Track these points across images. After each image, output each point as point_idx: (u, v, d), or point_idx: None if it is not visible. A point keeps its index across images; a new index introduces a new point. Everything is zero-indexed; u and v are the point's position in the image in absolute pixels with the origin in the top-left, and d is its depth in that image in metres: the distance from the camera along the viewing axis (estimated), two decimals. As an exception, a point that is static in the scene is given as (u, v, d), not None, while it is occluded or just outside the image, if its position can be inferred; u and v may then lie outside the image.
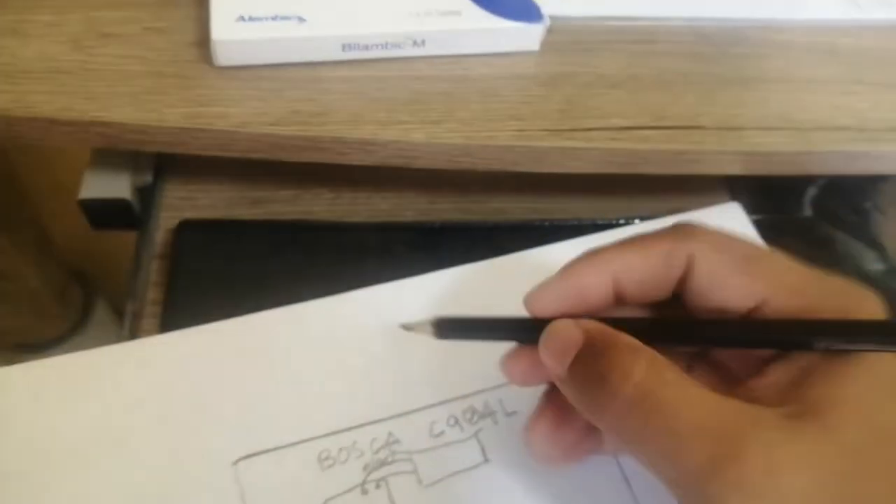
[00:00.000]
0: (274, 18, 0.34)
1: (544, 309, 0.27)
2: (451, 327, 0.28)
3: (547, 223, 0.39)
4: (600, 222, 0.39)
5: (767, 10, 0.40)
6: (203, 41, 0.35)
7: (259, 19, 0.34)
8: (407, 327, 0.29)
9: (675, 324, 0.26)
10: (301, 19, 0.34)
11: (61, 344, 0.80)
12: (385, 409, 0.31)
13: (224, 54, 0.34)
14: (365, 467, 0.30)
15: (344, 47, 0.35)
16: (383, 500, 0.29)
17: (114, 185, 0.40)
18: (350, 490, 0.29)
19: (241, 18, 0.34)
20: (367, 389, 0.32)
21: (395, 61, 0.36)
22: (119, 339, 0.36)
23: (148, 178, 0.41)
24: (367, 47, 0.35)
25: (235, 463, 0.29)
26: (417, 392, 0.32)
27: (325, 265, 0.37)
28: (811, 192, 0.42)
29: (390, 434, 0.31)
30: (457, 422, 0.31)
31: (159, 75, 0.34)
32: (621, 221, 0.39)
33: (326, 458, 0.30)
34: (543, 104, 0.35)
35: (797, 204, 0.43)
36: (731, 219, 0.38)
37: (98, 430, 0.30)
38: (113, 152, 0.41)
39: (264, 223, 0.39)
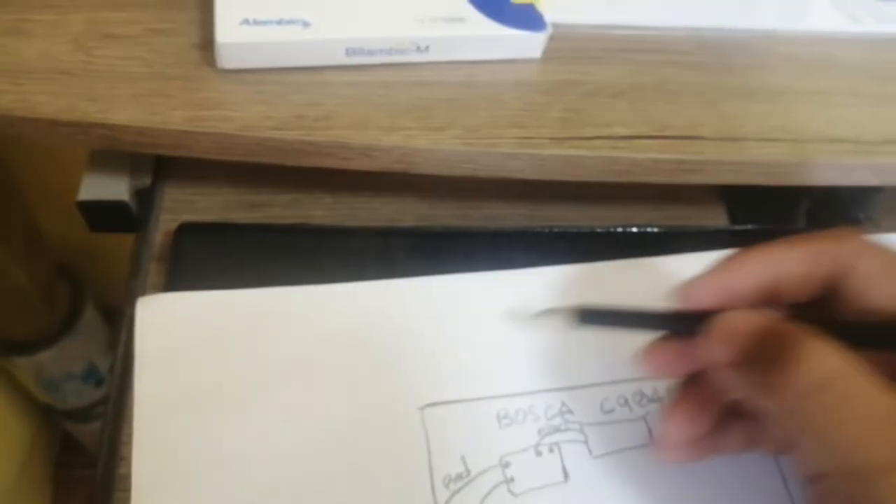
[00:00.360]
0: (279, 22, 0.34)
1: (701, 300, 0.28)
2: (593, 316, 0.31)
3: (546, 230, 0.39)
4: (599, 230, 0.39)
5: (770, 21, 0.40)
6: (207, 44, 0.35)
7: (264, 23, 0.34)
8: (549, 312, 0.32)
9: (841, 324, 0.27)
10: (306, 23, 0.34)
11: (50, 342, 0.80)
12: (559, 380, 0.33)
13: (228, 57, 0.34)
14: (539, 431, 0.32)
15: (348, 52, 0.35)
16: (556, 464, 0.31)
17: (112, 188, 0.40)
18: (525, 450, 0.31)
19: (246, 21, 0.34)
20: (543, 360, 0.34)
21: (399, 67, 0.36)
22: (108, 337, 0.36)
23: (147, 180, 0.41)
24: (371, 52, 0.35)
25: (423, 408, 0.32)
26: (590, 370, 0.34)
27: (324, 269, 0.37)
28: (805, 203, 0.43)
29: (563, 404, 0.33)
30: (626, 402, 0.33)
31: (162, 77, 0.34)
32: (618, 230, 0.39)
33: (504, 417, 0.32)
34: (546, 112, 0.35)
35: (791, 215, 0.43)
36: None
37: (297, 359, 0.32)
38: (112, 154, 0.40)
39: (264, 227, 0.39)
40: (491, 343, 0.34)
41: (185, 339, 0.32)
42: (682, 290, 0.28)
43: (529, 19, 0.36)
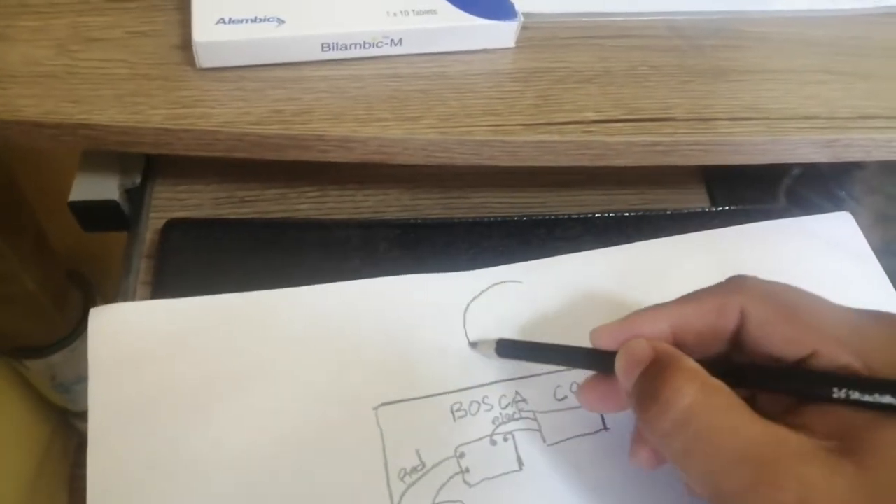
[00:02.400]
0: (254, 20, 0.35)
1: (607, 343, 0.29)
2: (512, 348, 0.33)
3: (525, 218, 0.40)
4: (576, 216, 0.39)
5: (740, 3, 0.41)
6: (186, 44, 0.36)
7: (239, 21, 0.35)
8: (472, 345, 0.34)
9: (717, 364, 0.27)
10: (280, 20, 0.35)
11: (61, 347, 0.81)
12: (513, 370, 0.34)
13: (206, 56, 0.35)
14: (494, 420, 0.33)
15: (323, 47, 0.36)
16: (510, 452, 0.32)
17: (103, 187, 0.41)
18: (480, 439, 0.32)
19: (222, 21, 0.34)
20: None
21: (374, 60, 0.37)
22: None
23: (136, 179, 0.42)
24: (346, 47, 0.36)
25: (376, 408, 0.32)
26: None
27: (309, 261, 0.38)
28: (786, 181, 0.43)
29: (517, 393, 0.33)
30: None
31: (143, 78, 0.35)
32: (597, 215, 0.40)
33: (459, 410, 0.33)
34: (518, 99, 0.36)
35: (772, 194, 0.43)
36: (841, 226, 0.40)
37: (250, 364, 0.33)
38: (102, 154, 0.42)
39: (250, 221, 0.40)
40: (444, 340, 0.35)
41: (138, 348, 0.33)
42: (592, 332, 0.30)
43: (501, 9, 0.37)
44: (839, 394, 0.25)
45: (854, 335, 0.26)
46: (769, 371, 0.28)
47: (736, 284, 0.29)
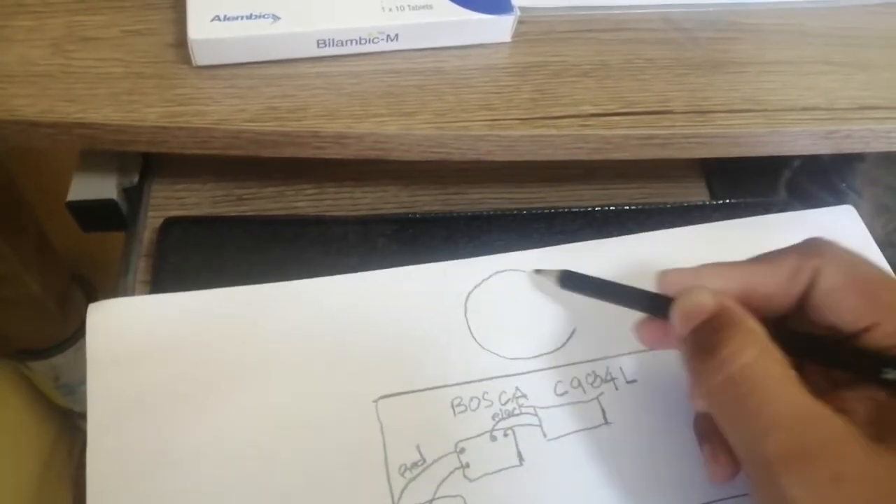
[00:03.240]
0: (249, 17, 0.35)
1: (673, 288, 0.29)
2: (577, 281, 0.33)
3: (524, 212, 0.39)
4: (576, 209, 0.39)
5: (736, -5, 0.41)
6: (181, 42, 0.36)
7: (234, 18, 0.34)
8: (538, 271, 0.35)
9: (777, 328, 0.27)
10: (276, 17, 0.35)
11: (64, 348, 0.81)
12: (513, 366, 0.34)
13: (201, 53, 0.35)
14: (494, 416, 0.32)
15: (319, 43, 0.35)
16: (510, 448, 0.32)
17: (101, 187, 0.41)
18: (480, 435, 0.32)
19: (217, 18, 0.34)
20: (497, 347, 0.34)
21: (370, 56, 0.36)
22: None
23: (135, 178, 0.42)
24: (341, 43, 0.36)
25: (376, 401, 0.32)
26: (543, 354, 0.34)
27: (307, 258, 0.38)
28: (786, 174, 0.43)
29: (517, 388, 0.33)
30: (579, 384, 0.34)
31: (139, 76, 0.35)
32: (597, 209, 0.39)
33: (459, 405, 0.33)
34: (515, 94, 0.36)
35: (772, 187, 0.43)
36: (844, 220, 0.39)
37: (250, 358, 0.33)
38: (100, 154, 0.42)
39: (247, 219, 0.40)
40: (444, 333, 0.34)
41: (136, 343, 0.33)
42: (660, 274, 0.30)
43: (497, 3, 0.37)
44: (889, 374, 0.25)
45: None
46: (825, 342, 0.28)
47: (814, 247, 0.29)
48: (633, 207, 0.40)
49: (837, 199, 0.42)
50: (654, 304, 0.30)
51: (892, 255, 0.37)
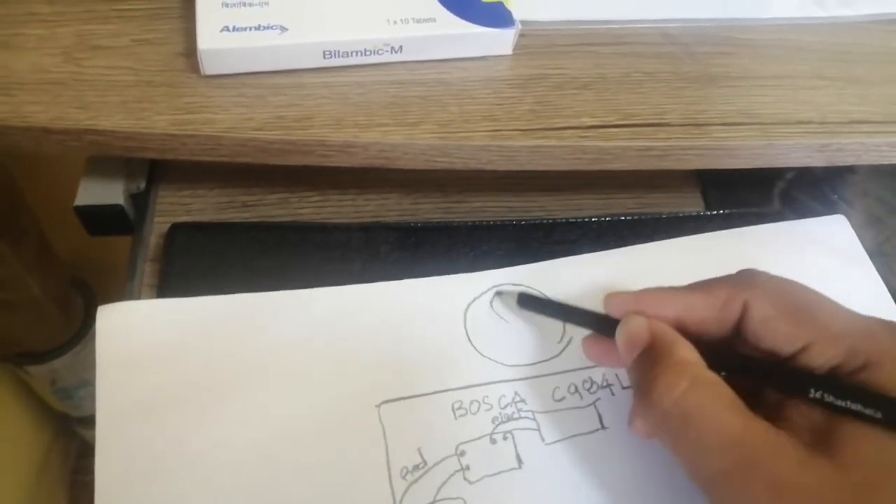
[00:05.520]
0: (257, 28, 0.35)
1: (617, 311, 0.31)
2: (531, 301, 0.35)
3: (524, 222, 0.40)
4: (574, 220, 0.40)
5: (734, 11, 0.41)
6: (191, 51, 0.36)
7: (243, 29, 0.35)
8: (498, 292, 0.36)
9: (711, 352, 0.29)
10: (283, 28, 0.36)
11: (62, 353, 0.81)
12: (512, 372, 0.35)
13: (210, 63, 0.35)
14: (493, 420, 0.33)
15: (325, 54, 0.36)
16: (510, 451, 0.32)
17: (108, 192, 0.42)
18: (480, 438, 0.33)
19: (226, 29, 0.35)
20: (496, 354, 0.35)
21: (375, 67, 0.37)
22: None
23: (141, 184, 0.43)
24: (347, 54, 0.37)
25: (379, 406, 0.33)
26: (542, 361, 0.35)
27: (311, 264, 0.39)
28: (779, 185, 0.44)
29: (516, 393, 0.34)
30: (577, 390, 0.35)
31: (148, 85, 0.35)
32: (594, 219, 0.40)
33: (459, 409, 0.33)
34: (516, 105, 0.37)
35: (766, 197, 0.44)
36: (836, 230, 0.41)
37: (255, 364, 0.34)
38: (107, 160, 0.42)
39: (252, 225, 0.40)
40: (445, 341, 0.35)
41: (145, 347, 0.34)
42: (606, 297, 0.32)
43: (499, 17, 0.37)
44: (815, 394, 0.26)
45: (852, 333, 0.27)
46: (755, 363, 0.29)
47: (745, 279, 0.30)
48: (629, 218, 0.41)
49: (829, 209, 0.43)
50: (602, 325, 0.32)
51: (882, 264, 0.38)
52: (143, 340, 0.34)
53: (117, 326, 0.34)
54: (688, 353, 0.28)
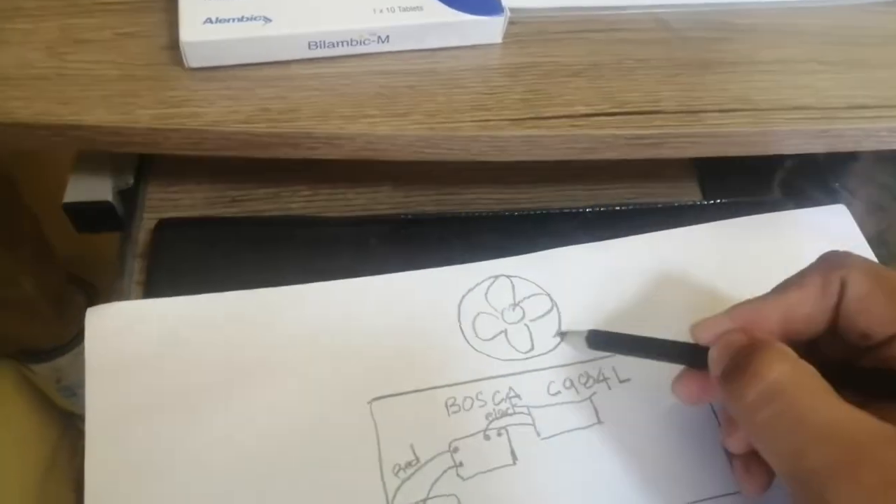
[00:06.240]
0: (240, 19, 0.35)
1: (708, 340, 0.29)
2: (605, 340, 0.33)
3: (517, 213, 0.39)
4: (568, 210, 0.39)
5: (728, -5, 0.41)
6: (175, 44, 0.36)
7: (226, 20, 0.35)
8: (562, 335, 0.35)
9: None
10: (267, 19, 0.35)
11: (66, 350, 0.82)
12: (506, 367, 0.34)
13: (193, 56, 0.35)
14: (487, 416, 0.33)
15: (310, 45, 0.36)
16: (504, 447, 0.32)
17: (96, 189, 0.41)
18: (474, 434, 0.32)
19: (209, 20, 0.35)
20: (490, 349, 0.35)
21: (361, 57, 0.37)
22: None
23: (130, 180, 0.42)
24: (333, 45, 0.36)
25: (371, 402, 0.32)
26: (536, 355, 0.35)
27: (300, 259, 0.38)
28: (780, 173, 0.43)
29: (510, 389, 0.33)
30: (572, 384, 0.34)
31: (132, 78, 0.35)
32: (589, 209, 0.39)
33: (453, 405, 0.33)
34: (506, 94, 0.36)
35: (765, 186, 0.43)
36: (836, 219, 0.40)
37: (247, 362, 0.33)
38: (95, 156, 0.42)
39: (240, 220, 0.40)
40: (438, 336, 0.35)
41: (135, 348, 0.33)
42: (692, 328, 0.30)
43: (487, 4, 0.37)
44: None
45: None
46: (856, 368, 0.28)
47: (836, 259, 0.29)
48: (624, 208, 0.40)
49: (831, 197, 0.42)
50: (690, 356, 0.30)
51: (884, 253, 0.37)
52: (132, 342, 0.33)
53: (106, 328, 0.34)
54: (786, 346, 0.26)
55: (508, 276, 0.37)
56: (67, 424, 0.96)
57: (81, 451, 0.92)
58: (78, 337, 0.83)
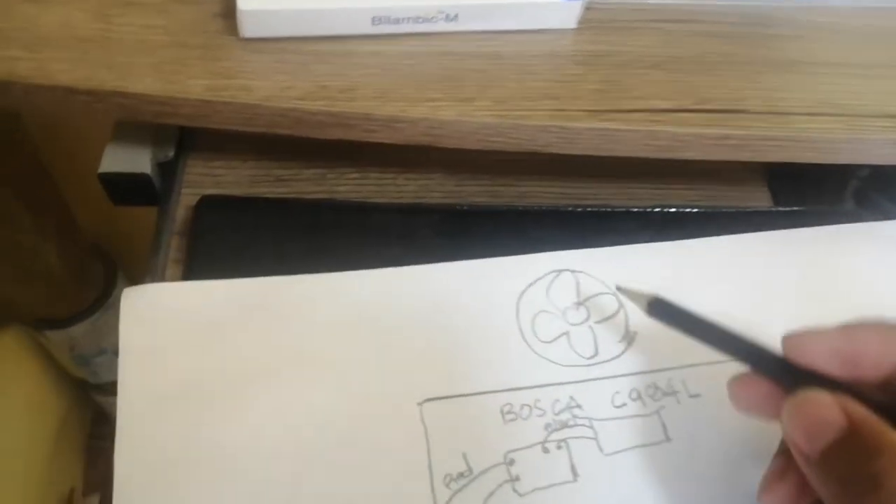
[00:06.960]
0: (302, -11, 0.33)
1: (809, 359, 0.25)
2: (667, 311, 0.29)
3: (580, 209, 0.37)
4: (634, 209, 0.37)
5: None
6: (228, 12, 0.34)
7: (287, -11, 0.32)
8: (622, 291, 0.31)
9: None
10: (330, -10, 0.33)
11: (81, 319, 0.80)
12: (567, 373, 0.32)
13: (250, 25, 0.33)
14: (546, 426, 0.30)
15: (374, 20, 0.33)
16: (564, 461, 0.30)
17: (135, 160, 0.39)
18: (532, 446, 0.30)
19: (269, -12, 0.32)
20: (550, 352, 0.32)
21: (427, 36, 0.34)
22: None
23: (170, 152, 0.40)
24: (397, 21, 0.34)
25: (421, 403, 0.30)
26: (601, 362, 0.32)
27: (345, 247, 0.36)
28: (853, 183, 0.41)
29: (571, 398, 0.31)
30: (639, 396, 0.31)
31: (182, 46, 0.33)
32: (656, 210, 0.37)
33: (509, 412, 0.30)
34: (580, 84, 0.34)
35: (839, 195, 0.41)
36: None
37: (290, 352, 0.31)
38: (135, 126, 0.40)
39: (286, 201, 0.38)
40: (494, 334, 0.32)
41: (172, 332, 0.31)
42: (788, 338, 0.26)
43: (563, -14, 0.34)
44: None
45: None
46: None
47: None
48: (691, 210, 0.37)
49: (907, 211, 0.40)
50: (759, 359, 0.26)
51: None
52: (169, 325, 0.31)
53: (142, 311, 0.32)
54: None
55: (573, 272, 0.34)
56: (79, 393, 0.95)
57: (91, 418, 0.92)
58: (94, 306, 0.81)
